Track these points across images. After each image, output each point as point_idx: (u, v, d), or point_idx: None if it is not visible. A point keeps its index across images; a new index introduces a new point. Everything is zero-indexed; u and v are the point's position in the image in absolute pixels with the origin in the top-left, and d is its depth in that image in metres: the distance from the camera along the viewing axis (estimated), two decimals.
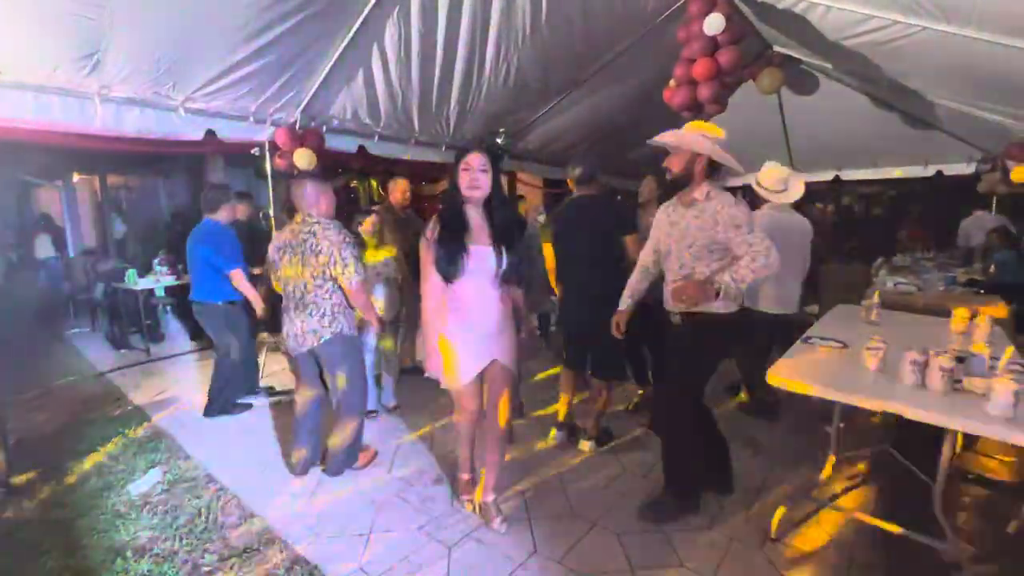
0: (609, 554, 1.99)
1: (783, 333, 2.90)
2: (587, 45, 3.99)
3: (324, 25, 3.00)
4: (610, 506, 2.31)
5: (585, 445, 2.86)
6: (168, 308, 5.58)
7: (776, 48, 5.05)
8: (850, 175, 6.57)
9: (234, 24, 2.71)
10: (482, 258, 1.93)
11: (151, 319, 5.22)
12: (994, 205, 6.15)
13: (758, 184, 3.35)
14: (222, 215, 3.26)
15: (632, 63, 4.48)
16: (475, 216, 1.97)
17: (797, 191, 3.19)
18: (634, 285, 2.41)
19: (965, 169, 5.83)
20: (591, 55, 4.18)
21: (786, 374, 1.76)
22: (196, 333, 5.03)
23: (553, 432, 2.97)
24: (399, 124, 4.27)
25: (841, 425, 2.40)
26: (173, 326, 5.63)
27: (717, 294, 1.88)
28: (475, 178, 1.91)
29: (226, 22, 2.69)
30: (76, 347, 5.21)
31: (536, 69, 4.06)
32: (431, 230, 1.93)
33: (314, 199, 2.44)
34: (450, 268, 1.90)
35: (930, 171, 6.11)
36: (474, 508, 2.25)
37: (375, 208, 3.73)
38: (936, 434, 1.61)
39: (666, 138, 2.09)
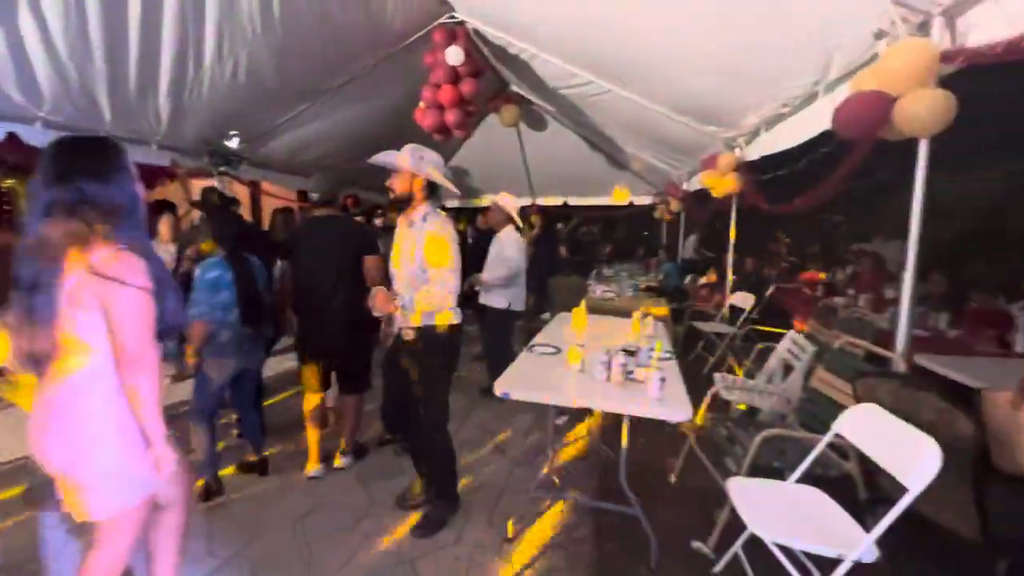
0: None
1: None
2: (333, 56, 3.79)
3: None
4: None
5: (340, 460, 2.85)
6: None
7: (513, 87, 5.74)
8: (575, 201, 7.94)
9: None
10: None
11: None
12: (664, 228, 8.27)
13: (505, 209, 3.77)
14: None
15: (387, 78, 4.47)
16: None
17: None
18: None
19: (647, 200, 7.67)
20: (337, 66, 4.00)
21: (509, 384, 1.94)
22: None
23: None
24: (77, 109, 3.28)
25: (565, 418, 2.80)
26: None
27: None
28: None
29: None
30: None
31: (273, 71, 3.66)
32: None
33: None
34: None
35: (627, 201, 7.84)
36: None
37: None
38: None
39: (385, 159, 2.13)
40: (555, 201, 7.76)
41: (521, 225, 3.94)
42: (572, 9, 3.17)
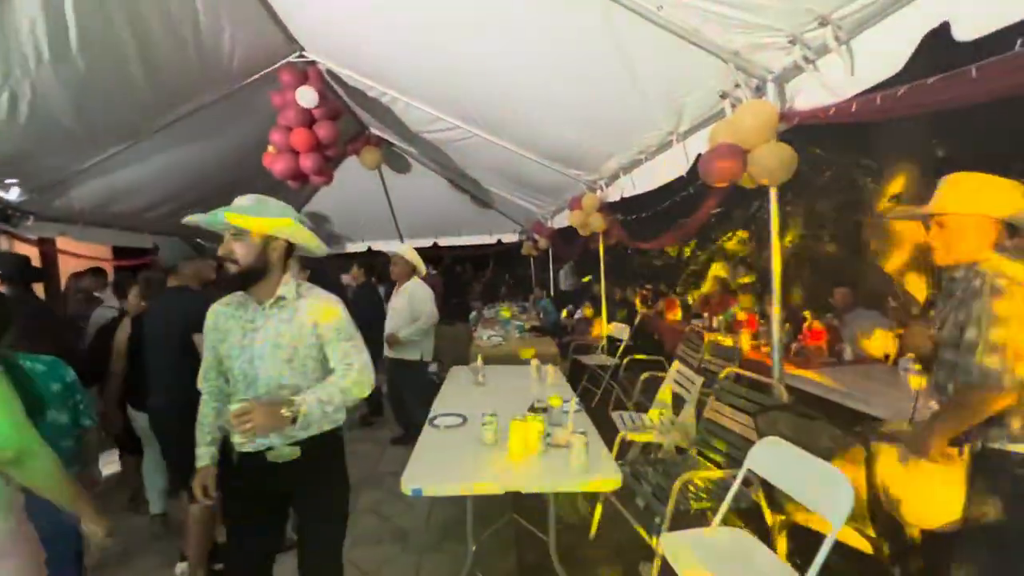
0: None
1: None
2: (155, 94, 3.20)
3: None
4: None
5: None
6: None
7: (372, 129, 5.51)
8: (445, 241, 7.86)
9: None
10: None
11: None
12: (533, 263, 8.59)
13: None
14: None
15: (227, 117, 3.91)
16: None
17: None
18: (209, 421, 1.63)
19: (514, 238, 7.90)
20: (163, 103, 3.39)
21: (418, 478, 1.70)
22: None
23: None
24: None
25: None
26: None
27: (294, 420, 1.38)
28: None
29: None
30: None
31: (69, 107, 2.96)
32: None
33: None
34: None
35: (494, 239, 7.99)
36: None
37: None
38: None
39: (214, 219, 1.45)
40: (425, 243, 7.59)
41: (424, 273, 3.77)
42: (430, 54, 3.11)
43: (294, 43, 3.57)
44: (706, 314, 4.64)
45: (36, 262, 3.73)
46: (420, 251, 6.18)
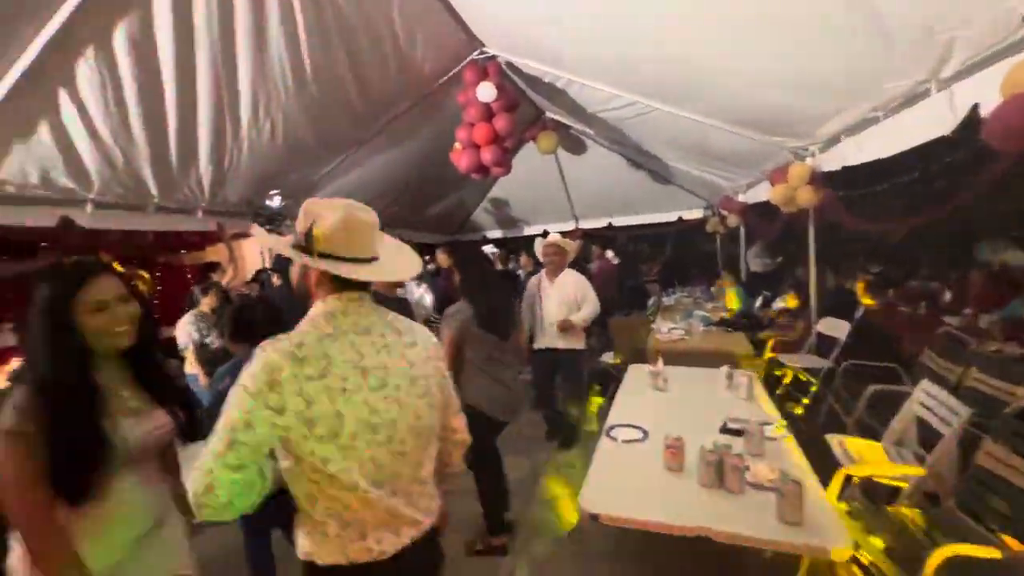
0: None
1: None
2: (366, 106, 3.71)
3: None
4: None
5: None
6: None
7: (548, 114, 5.53)
8: (620, 221, 7.59)
9: None
10: (138, 437, 1.18)
11: None
12: (719, 240, 7.74)
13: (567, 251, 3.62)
14: None
15: (420, 123, 4.37)
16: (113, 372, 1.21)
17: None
18: None
19: (697, 215, 7.21)
20: (371, 114, 3.91)
21: (598, 502, 1.55)
22: None
23: None
24: (126, 188, 3.30)
25: None
26: None
27: None
28: (118, 317, 1.15)
29: None
30: None
31: (309, 127, 3.61)
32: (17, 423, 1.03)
33: None
34: (83, 476, 1.08)
35: (674, 216, 7.41)
36: None
37: None
38: None
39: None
40: (599, 223, 7.43)
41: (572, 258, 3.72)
42: (614, 31, 2.92)
43: (475, 41, 3.74)
44: (970, 310, 3.53)
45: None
46: (594, 232, 5.99)
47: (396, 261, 1.16)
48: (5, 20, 2.07)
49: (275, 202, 4.15)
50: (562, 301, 3.54)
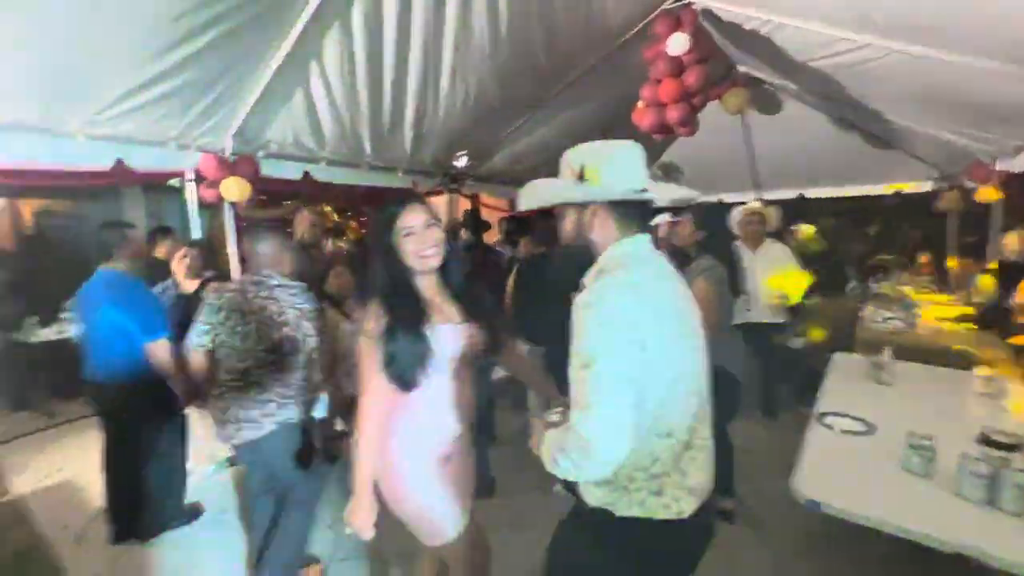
0: None
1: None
2: (551, 63, 3.76)
3: (251, 41, 2.63)
4: None
5: None
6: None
7: (741, 68, 4.97)
8: (815, 192, 6.58)
9: (138, 37, 2.31)
10: (453, 343, 1.38)
11: (60, 374, 4.45)
12: (951, 219, 6.23)
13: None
14: (122, 262, 2.44)
15: (600, 82, 4.29)
16: (427, 286, 1.43)
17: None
18: None
19: (922, 188, 5.88)
20: (555, 74, 3.96)
21: (821, 488, 1.41)
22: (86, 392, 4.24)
23: None
24: (348, 148, 3.90)
25: None
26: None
27: None
28: (424, 242, 1.35)
29: (126, 35, 2.28)
30: None
31: (497, 88, 3.80)
32: (372, 321, 1.31)
33: (275, 255, 2.01)
34: (412, 368, 1.31)
35: (886, 189, 6.16)
36: None
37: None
38: None
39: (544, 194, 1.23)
40: (787, 195, 6.55)
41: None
42: None
43: None
44: None
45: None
46: (782, 205, 5.34)
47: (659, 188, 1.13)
48: (273, 7, 2.53)
49: (461, 162, 4.50)
50: (773, 271, 3.30)
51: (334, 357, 2.39)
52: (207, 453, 3.10)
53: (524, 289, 2.96)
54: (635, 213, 1.08)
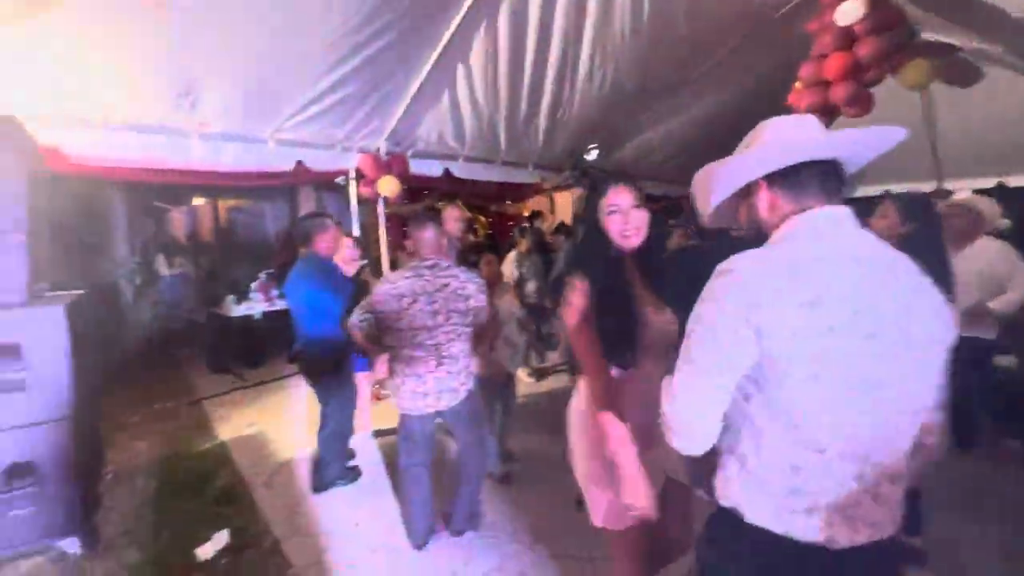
0: None
1: None
2: (692, 44, 3.54)
3: (409, 47, 2.85)
4: None
5: None
6: (267, 333, 5.60)
7: (925, 35, 4.22)
8: (1018, 181, 5.40)
9: (320, 50, 2.62)
10: (658, 327, 1.38)
11: (249, 344, 5.32)
12: None
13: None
14: (321, 245, 2.68)
15: (741, 64, 3.95)
16: (628, 267, 1.43)
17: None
18: None
19: None
20: (696, 55, 3.72)
21: None
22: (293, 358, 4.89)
23: None
24: (484, 144, 4.06)
25: None
26: (272, 351, 5.28)
27: None
28: (628, 222, 1.38)
29: (312, 48, 2.60)
30: (183, 370, 5.46)
31: (634, 72, 3.67)
32: (576, 297, 1.32)
33: (437, 242, 2.20)
34: (625, 348, 1.33)
35: None
36: None
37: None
38: None
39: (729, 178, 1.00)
40: (982, 184, 5.45)
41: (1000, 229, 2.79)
42: None
43: None
44: None
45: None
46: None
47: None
48: (428, 16, 2.69)
49: (592, 155, 4.45)
50: (976, 277, 2.68)
51: (497, 331, 2.61)
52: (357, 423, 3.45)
53: (676, 284, 2.79)
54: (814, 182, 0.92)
